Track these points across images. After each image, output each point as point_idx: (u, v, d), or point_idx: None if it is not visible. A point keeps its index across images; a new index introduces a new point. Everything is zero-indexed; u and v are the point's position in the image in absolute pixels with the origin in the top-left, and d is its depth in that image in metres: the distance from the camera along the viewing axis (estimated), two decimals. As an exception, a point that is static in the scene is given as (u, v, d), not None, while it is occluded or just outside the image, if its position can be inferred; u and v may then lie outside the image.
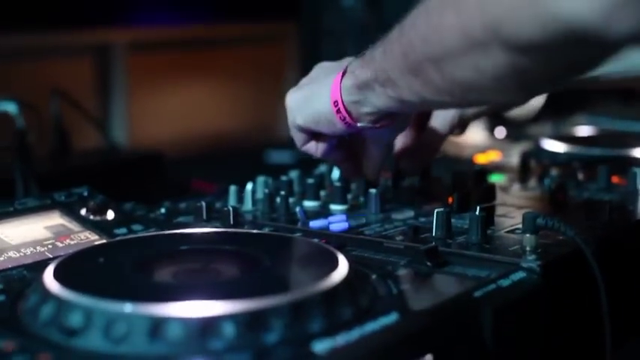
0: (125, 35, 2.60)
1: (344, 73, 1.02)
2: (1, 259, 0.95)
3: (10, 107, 1.50)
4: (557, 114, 2.07)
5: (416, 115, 1.22)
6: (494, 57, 0.82)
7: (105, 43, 2.56)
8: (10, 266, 0.93)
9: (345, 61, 1.07)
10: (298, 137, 1.12)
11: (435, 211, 1.03)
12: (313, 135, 1.11)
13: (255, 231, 1.06)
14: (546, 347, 0.92)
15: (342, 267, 0.81)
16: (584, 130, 1.88)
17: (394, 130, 1.10)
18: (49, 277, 0.79)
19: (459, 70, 0.87)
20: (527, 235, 0.95)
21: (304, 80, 1.12)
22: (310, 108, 1.07)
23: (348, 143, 1.15)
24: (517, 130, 1.92)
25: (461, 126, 1.33)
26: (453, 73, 0.88)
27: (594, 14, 0.72)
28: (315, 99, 1.06)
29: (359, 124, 1.04)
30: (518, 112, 2.17)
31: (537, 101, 2.21)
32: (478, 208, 1.03)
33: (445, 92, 0.92)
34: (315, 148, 1.12)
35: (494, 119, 1.95)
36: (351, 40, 2.29)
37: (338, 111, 1.03)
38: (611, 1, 0.72)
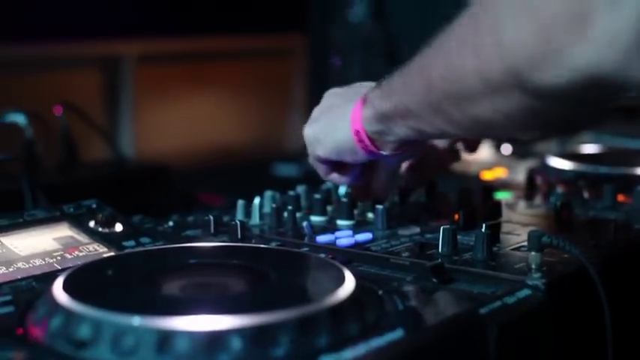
0: (133, 47, 2.61)
1: (363, 102, 1.03)
2: (11, 270, 0.96)
3: (19, 118, 1.51)
4: (562, 131, 2.07)
5: None
6: (514, 100, 0.83)
7: (113, 55, 2.58)
8: (19, 277, 0.94)
9: (357, 87, 1.08)
10: (321, 168, 1.13)
11: (442, 228, 1.03)
12: (335, 165, 1.11)
13: (262, 246, 1.07)
14: (550, 365, 0.92)
15: (349, 282, 0.82)
16: (589, 148, 1.88)
17: (409, 156, 1.11)
18: (58, 289, 0.79)
19: (480, 111, 0.88)
20: (533, 253, 0.96)
21: (317, 111, 1.12)
22: (331, 139, 1.07)
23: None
24: (523, 148, 1.92)
25: (470, 146, 1.33)
26: (474, 112, 0.89)
27: (614, 63, 0.74)
28: (335, 130, 1.06)
29: (383, 152, 1.04)
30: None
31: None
32: (484, 225, 1.03)
33: (465, 128, 0.93)
34: (338, 177, 1.13)
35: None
36: (358, 53, 2.30)
37: (360, 140, 1.04)
38: (629, 50, 0.73)
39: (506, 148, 1.89)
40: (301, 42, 2.79)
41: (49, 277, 0.90)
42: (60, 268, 0.98)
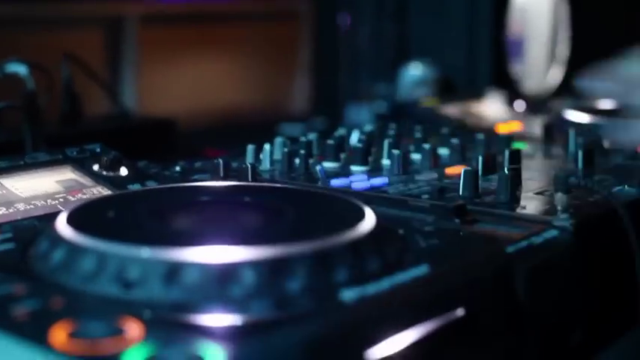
0: (137, 8, 2.56)
1: None
2: (11, 210, 0.91)
3: (20, 69, 1.47)
4: (574, 90, 2.03)
5: None
6: None
7: (117, 15, 2.53)
8: (19, 218, 0.90)
9: None
10: None
11: (463, 170, 0.99)
12: None
13: (277, 185, 1.02)
14: (579, 306, 0.88)
15: (369, 218, 0.77)
16: (605, 104, 1.83)
17: None
18: (62, 223, 0.75)
19: None
20: (559, 194, 0.92)
21: None
22: None
23: None
24: (536, 104, 1.88)
25: None
26: None
27: None
28: None
29: None
30: (534, 87, 2.14)
31: (553, 78, 2.18)
32: (505, 167, 0.99)
33: None
34: None
35: (513, 93, 1.91)
36: (367, 13, 2.25)
37: None
38: None
39: (520, 105, 1.84)
40: (308, 3, 2.74)
41: (52, 217, 0.85)
42: (63, 210, 0.93)
